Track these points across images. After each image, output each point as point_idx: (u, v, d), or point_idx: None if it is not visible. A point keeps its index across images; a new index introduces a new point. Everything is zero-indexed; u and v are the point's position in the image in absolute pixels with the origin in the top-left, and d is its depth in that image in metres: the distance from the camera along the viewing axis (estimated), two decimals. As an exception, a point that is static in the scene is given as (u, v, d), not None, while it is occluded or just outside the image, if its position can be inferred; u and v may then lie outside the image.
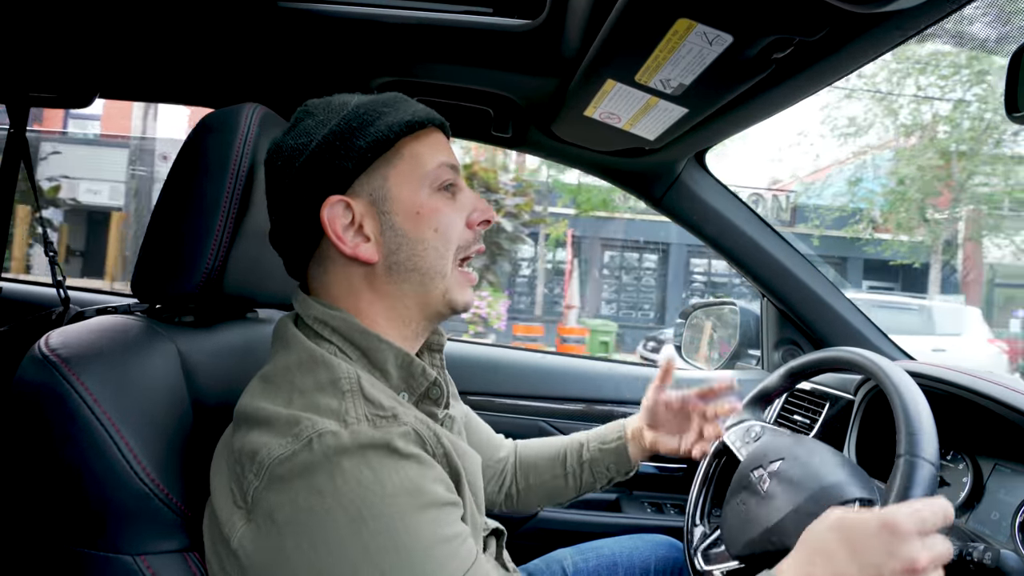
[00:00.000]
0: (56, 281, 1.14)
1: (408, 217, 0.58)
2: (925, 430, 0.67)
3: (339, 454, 0.47)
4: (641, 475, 1.31)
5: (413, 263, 0.59)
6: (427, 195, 0.59)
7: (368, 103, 0.59)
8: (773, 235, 1.24)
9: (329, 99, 0.61)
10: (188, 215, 0.65)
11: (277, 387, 0.54)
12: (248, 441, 0.51)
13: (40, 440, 0.55)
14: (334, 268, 0.59)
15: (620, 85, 0.80)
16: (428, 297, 0.61)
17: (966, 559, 0.65)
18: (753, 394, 0.99)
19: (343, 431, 0.49)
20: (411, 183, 0.59)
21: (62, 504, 0.56)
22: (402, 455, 0.49)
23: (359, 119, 0.57)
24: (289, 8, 0.90)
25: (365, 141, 0.57)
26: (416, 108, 0.61)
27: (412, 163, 0.59)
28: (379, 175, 0.58)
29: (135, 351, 0.60)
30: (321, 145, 0.57)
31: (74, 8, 0.95)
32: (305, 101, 0.62)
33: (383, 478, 0.47)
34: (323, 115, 0.58)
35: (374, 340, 0.57)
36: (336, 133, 0.57)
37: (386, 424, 0.51)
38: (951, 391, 0.87)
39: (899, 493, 0.63)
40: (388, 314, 0.60)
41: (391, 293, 0.60)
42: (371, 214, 0.58)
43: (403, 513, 0.47)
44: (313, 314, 0.58)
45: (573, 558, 0.98)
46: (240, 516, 0.49)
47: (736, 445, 0.93)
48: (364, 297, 0.59)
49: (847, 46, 0.66)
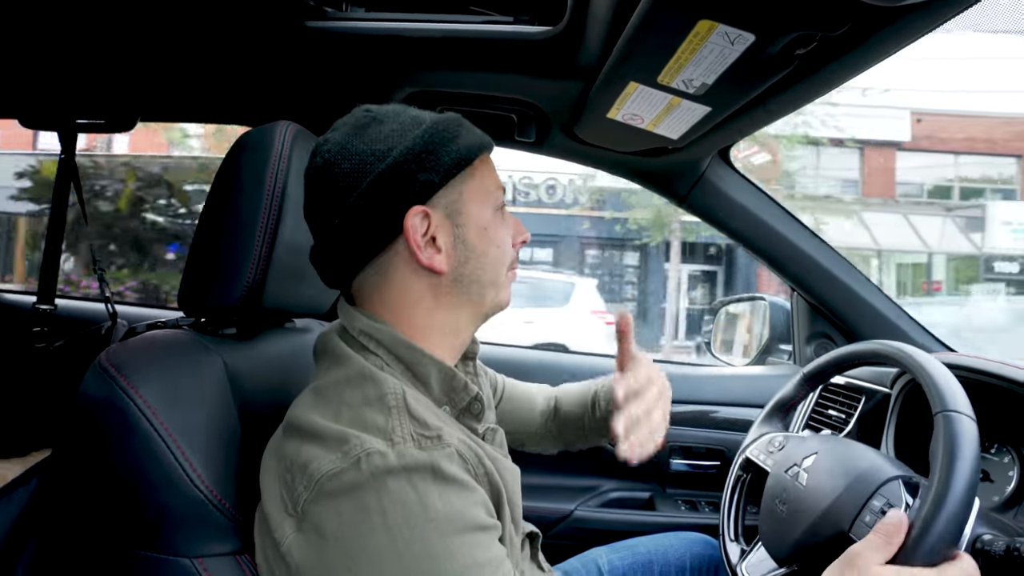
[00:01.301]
0: (105, 297, 1.20)
1: (478, 232, 0.62)
2: (952, 386, 0.67)
3: (386, 474, 0.49)
4: (674, 473, 1.31)
5: (476, 275, 0.62)
6: (491, 213, 0.63)
7: (444, 121, 0.61)
8: (801, 228, 1.23)
9: (393, 107, 0.62)
10: (228, 232, 0.69)
11: (327, 400, 0.56)
12: (300, 452, 0.53)
13: (102, 449, 0.59)
14: (396, 277, 0.61)
15: (642, 87, 0.81)
16: (483, 304, 0.65)
17: (1013, 554, 0.64)
18: (770, 406, 0.98)
19: (390, 452, 0.50)
20: (480, 201, 0.62)
21: (123, 509, 0.59)
22: (446, 479, 0.51)
23: (441, 135, 0.59)
24: (315, 27, 0.93)
25: (450, 157, 0.59)
26: (481, 132, 0.64)
27: (482, 182, 0.63)
28: (456, 190, 0.61)
29: (186, 364, 0.64)
30: (407, 154, 0.58)
31: (116, 38, 1.00)
32: (362, 105, 0.63)
33: (426, 501, 0.49)
34: (397, 124, 0.59)
35: (418, 355, 0.59)
36: (422, 145, 0.58)
37: (431, 445, 0.52)
38: (992, 382, 0.85)
39: (946, 450, 0.62)
40: (443, 323, 0.62)
41: (451, 303, 0.62)
42: (445, 227, 0.60)
43: (443, 535, 0.49)
44: (359, 327, 0.60)
45: (608, 556, 0.98)
46: (291, 524, 0.51)
47: (760, 458, 0.91)
48: (424, 306, 0.61)
49: (870, 39, 0.66)
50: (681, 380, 1.38)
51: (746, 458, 0.95)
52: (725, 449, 1.30)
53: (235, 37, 0.98)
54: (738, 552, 0.90)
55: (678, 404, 1.35)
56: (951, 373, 0.70)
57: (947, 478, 0.60)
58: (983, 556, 0.65)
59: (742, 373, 1.44)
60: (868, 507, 0.70)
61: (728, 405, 1.35)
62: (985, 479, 0.88)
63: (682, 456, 1.32)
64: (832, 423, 1.08)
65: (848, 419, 1.05)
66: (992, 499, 0.86)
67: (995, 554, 0.64)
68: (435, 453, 0.52)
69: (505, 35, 0.91)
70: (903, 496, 0.69)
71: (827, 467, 0.77)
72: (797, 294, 1.36)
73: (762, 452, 0.92)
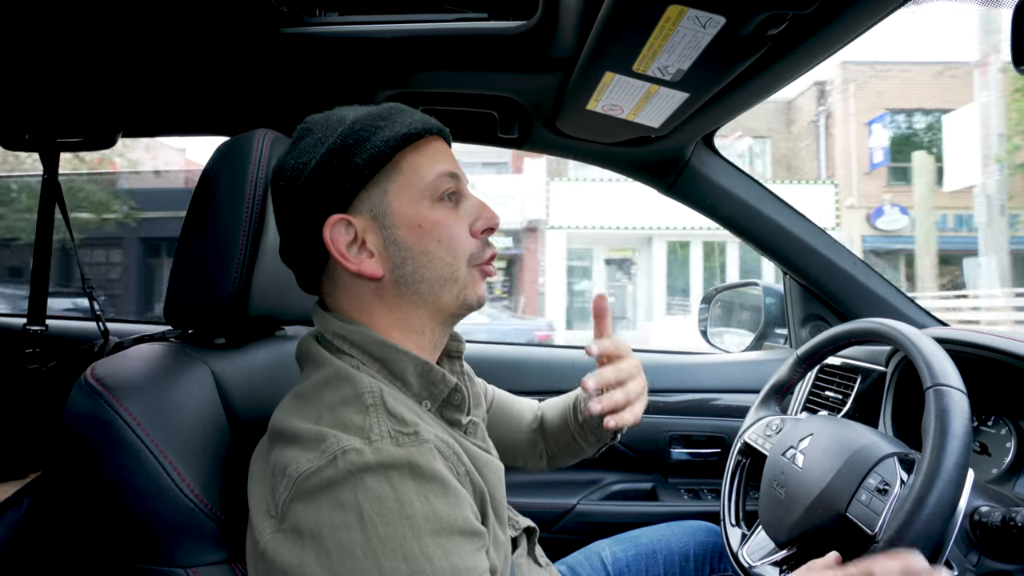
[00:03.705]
0: (95, 315, 1.20)
1: (410, 230, 0.58)
2: (942, 360, 0.67)
3: (363, 471, 0.49)
4: (675, 462, 1.31)
5: (420, 275, 0.59)
6: (428, 207, 0.59)
7: (364, 117, 0.59)
8: (790, 211, 1.22)
9: (328, 115, 0.61)
10: (210, 241, 0.68)
11: (307, 403, 0.56)
12: (281, 455, 0.53)
13: (91, 464, 0.58)
14: (343, 284, 0.60)
15: (619, 76, 0.80)
16: (440, 303, 0.61)
17: (1009, 524, 0.64)
18: (766, 390, 0.98)
19: (367, 448, 0.50)
20: (411, 196, 0.59)
21: (114, 523, 0.59)
22: (425, 477, 0.50)
23: (355, 135, 0.57)
24: (291, 33, 0.93)
25: (362, 158, 0.57)
26: (413, 118, 0.60)
27: (411, 176, 0.59)
28: (379, 190, 0.58)
29: (172, 375, 0.64)
30: (319, 165, 0.57)
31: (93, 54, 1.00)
32: (305, 118, 0.62)
33: (403, 499, 0.48)
34: (321, 132, 0.59)
35: (391, 351, 0.58)
36: (333, 151, 0.57)
37: (408, 442, 0.51)
38: (986, 355, 0.85)
39: (937, 424, 0.62)
40: (402, 326, 0.61)
41: (401, 305, 0.60)
42: (373, 229, 0.58)
43: (418, 535, 0.48)
44: (332, 329, 0.60)
45: (612, 549, 0.98)
46: (271, 524, 0.51)
47: (759, 442, 0.91)
48: (376, 311, 0.60)
49: (842, 15, 0.66)
50: (678, 369, 1.38)
51: (744, 443, 0.95)
52: (725, 436, 1.30)
53: (212, 48, 0.98)
54: (739, 537, 0.90)
55: (676, 393, 1.35)
56: (941, 348, 0.70)
57: (939, 452, 0.60)
58: (981, 528, 0.65)
59: (739, 359, 1.44)
60: (864, 486, 0.70)
61: (726, 392, 1.35)
62: (983, 452, 0.88)
63: (683, 445, 1.32)
64: (830, 404, 1.08)
65: (845, 399, 1.05)
66: (990, 471, 0.86)
67: (992, 525, 0.64)
68: (412, 450, 0.51)
69: (480, 31, 0.90)
70: (898, 473, 0.69)
71: (823, 448, 0.77)
72: (789, 277, 1.36)
73: (760, 436, 0.92)
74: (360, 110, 0.61)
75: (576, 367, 1.36)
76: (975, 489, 0.67)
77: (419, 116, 0.61)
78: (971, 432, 0.62)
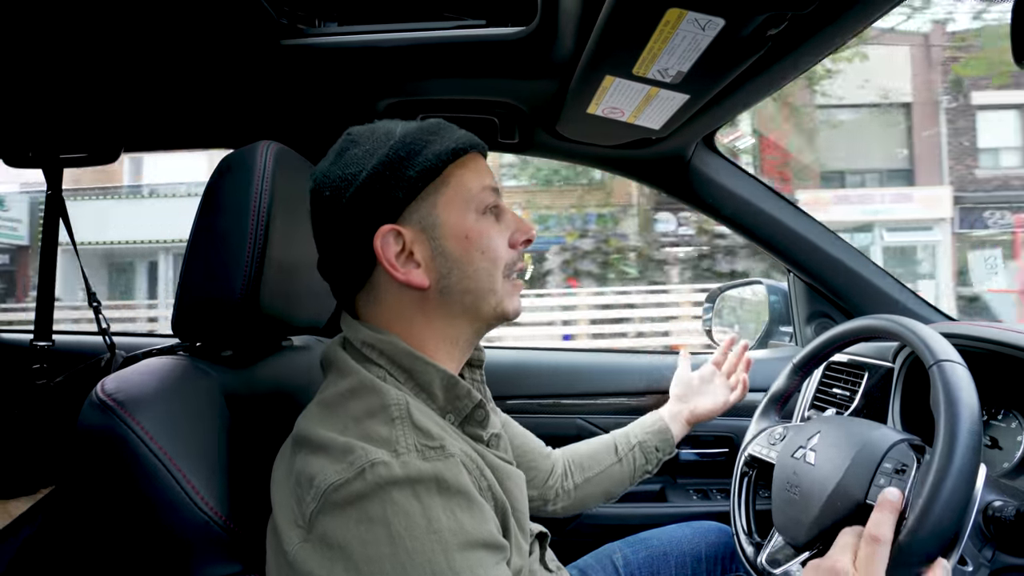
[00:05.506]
0: (102, 329, 1.20)
1: (457, 241, 0.60)
2: (938, 338, 0.69)
3: (390, 485, 0.49)
4: (684, 463, 1.31)
5: (464, 285, 0.61)
6: (474, 219, 0.61)
7: (414, 131, 0.61)
8: (793, 209, 1.22)
9: (373, 127, 0.62)
10: (217, 254, 0.69)
11: (333, 413, 0.56)
12: (307, 464, 0.53)
13: (105, 479, 0.59)
14: (386, 295, 0.61)
15: (619, 80, 0.81)
16: (480, 313, 0.63)
17: None
18: (765, 401, 0.98)
19: (394, 462, 0.50)
20: (458, 208, 0.61)
21: (129, 537, 0.59)
22: (451, 491, 0.51)
23: (407, 148, 0.59)
24: (291, 45, 0.94)
25: (415, 170, 0.58)
26: (459, 134, 0.62)
27: (458, 188, 0.61)
28: (428, 202, 0.60)
29: (183, 389, 0.64)
30: (372, 175, 0.58)
31: (95, 70, 1.01)
32: (348, 129, 0.63)
33: (430, 514, 0.49)
34: (369, 144, 0.60)
35: (420, 363, 0.59)
36: (386, 163, 0.58)
37: (435, 456, 0.52)
38: (993, 348, 0.85)
39: (946, 397, 0.63)
40: (439, 335, 0.62)
41: (443, 315, 0.62)
42: (421, 240, 0.60)
43: (446, 549, 0.49)
44: (361, 338, 0.60)
45: (623, 551, 0.98)
46: (298, 535, 0.52)
47: (764, 452, 0.91)
48: (416, 321, 0.61)
49: (842, 15, 0.66)
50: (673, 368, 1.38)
51: (749, 455, 0.94)
52: (733, 435, 1.30)
53: (213, 61, 0.99)
54: (754, 548, 0.89)
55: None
56: (935, 329, 0.70)
57: (953, 422, 0.61)
58: (995, 523, 0.65)
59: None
60: (881, 471, 0.70)
61: None
62: (994, 446, 0.88)
63: (690, 445, 1.31)
64: (838, 401, 1.08)
65: (853, 396, 1.05)
66: (1002, 466, 0.85)
67: (1006, 519, 0.64)
68: (439, 464, 0.51)
69: (479, 38, 0.91)
70: (912, 455, 0.69)
71: (833, 441, 0.77)
72: (794, 275, 1.36)
73: (764, 446, 0.92)
74: (408, 124, 0.62)
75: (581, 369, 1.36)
76: (988, 484, 0.67)
77: (464, 133, 0.64)
78: (978, 401, 0.63)
